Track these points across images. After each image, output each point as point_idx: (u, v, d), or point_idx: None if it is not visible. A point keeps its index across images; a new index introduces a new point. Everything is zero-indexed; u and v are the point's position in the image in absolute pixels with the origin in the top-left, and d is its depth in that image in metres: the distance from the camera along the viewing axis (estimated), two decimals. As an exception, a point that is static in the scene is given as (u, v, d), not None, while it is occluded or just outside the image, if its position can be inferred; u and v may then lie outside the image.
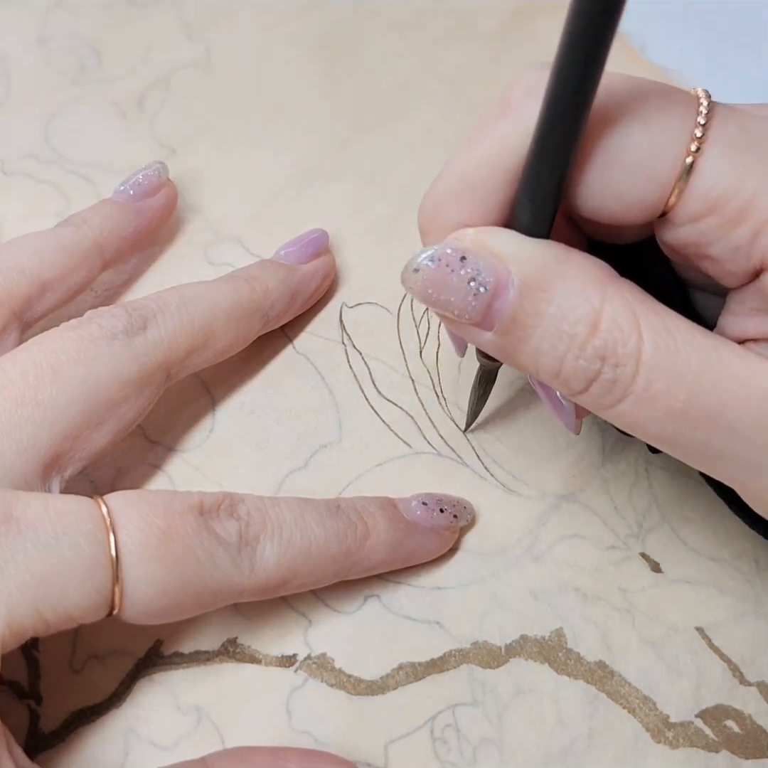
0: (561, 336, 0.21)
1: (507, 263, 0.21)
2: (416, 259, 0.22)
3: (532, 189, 0.22)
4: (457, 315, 0.22)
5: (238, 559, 0.24)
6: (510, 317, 0.22)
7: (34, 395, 0.25)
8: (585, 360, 0.21)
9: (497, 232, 0.22)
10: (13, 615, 0.21)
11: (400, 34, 0.39)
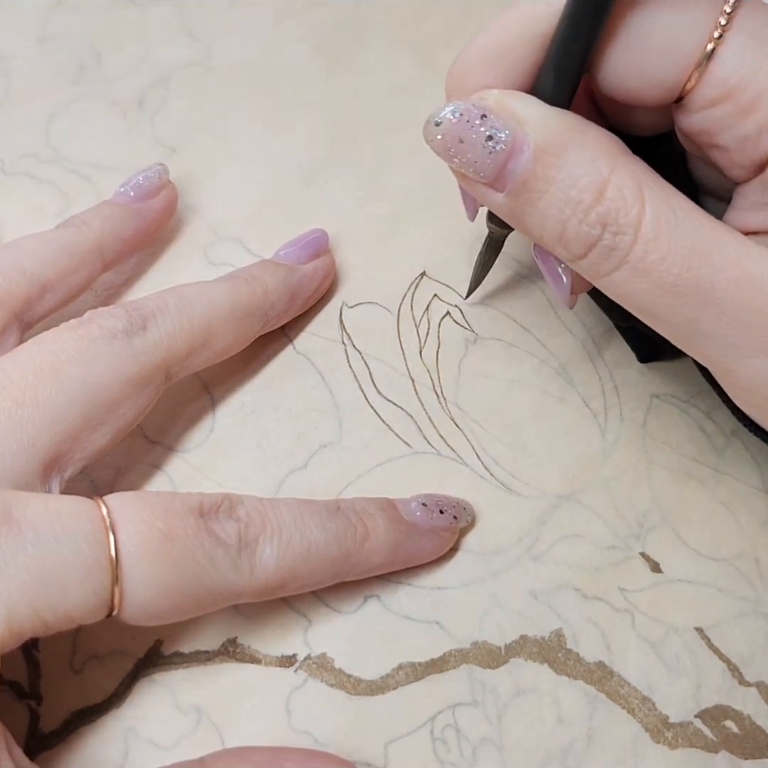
0: (567, 201, 0.22)
1: (525, 126, 0.22)
2: (439, 113, 0.23)
3: (559, 58, 0.23)
4: (473, 172, 0.23)
5: (237, 560, 0.24)
6: (522, 179, 0.22)
7: (34, 395, 0.25)
8: (587, 225, 0.22)
9: (520, 96, 0.23)
10: (12, 615, 0.21)
11: (400, 34, 0.39)
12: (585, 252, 0.23)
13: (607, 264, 0.22)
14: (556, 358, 0.33)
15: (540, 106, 0.23)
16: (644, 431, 0.32)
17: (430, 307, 0.33)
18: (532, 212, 0.23)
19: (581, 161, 0.22)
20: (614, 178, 0.22)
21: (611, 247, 0.22)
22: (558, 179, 0.22)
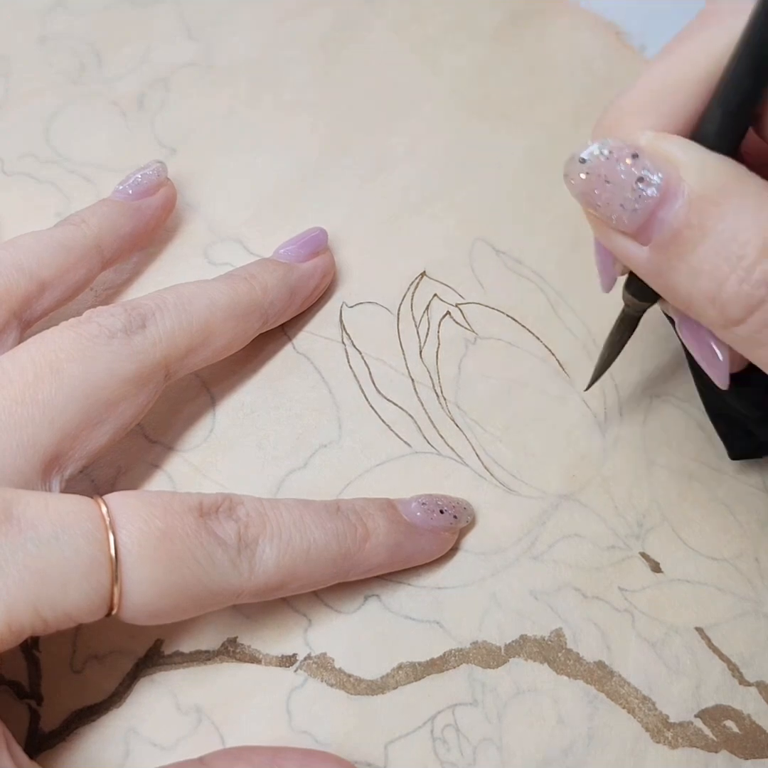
0: (727, 256, 0.20)
1: (681, 171, 0.20)
2: (585, 150, 0.21)
3: (726, 99, 0.21)
4: (615, 219, 0.21)
5: (237, 560, 0.24)
6: (672, 230, 0.20)
7: (34, 394, 0.25)
8: (750, 285, 0.20)
9: (676, 138, 0.21)
10: (12, 613, 0.21)
11: (400, 34, 0.39)
12: (744, 316, 0.20)
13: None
14: (556, 358, 0.33)
15: (698, 150, 0.20)
16: (644, 431, 0.32)
17: (430, 307, 0.33)
18: (682, 268, 0.20)
19: (744, 211, 0.20)
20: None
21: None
22: (716, 231, 0.20)
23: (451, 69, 0.39)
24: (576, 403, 0.32)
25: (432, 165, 0.36)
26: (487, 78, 0.38)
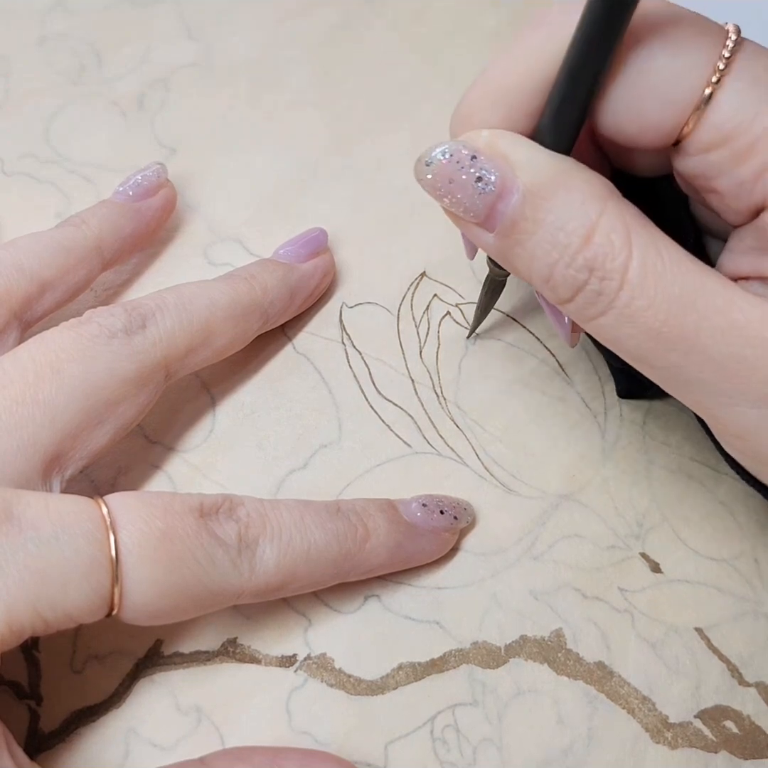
0: (555, 244, 0.22)
1: (515, 168, 0.22)
2: (429, 153, 0.23)
3: (558, 102, 0.22)
4: (463, 212, 0.23)
5: (237, 561, 0.24)
6: (511, 220, 0.22)
7: (34, 394, 0.25)
8: (574, 269, 0.22)
9: (511, 136, 0.23)
10: (12, 613, 0.21)
11: (400, 34, 0.39)
12: (572, 296, 0.22)
13: (593, 309, 0.22)
14: (556, 358, 0.33)
15: (531, 148, 0.23)
16: (644, 431, 0.32)
17: (430, 307, 0.33)
18: (521, 253, 0.23)
19: (570, 204, 0.22)
20: (602, 223, 0.22)
21: (597, 292, 0.22)
22: (546, 222, 0.22)
23: (451, 69, 0.39)
24: (576, 403, 0.32)
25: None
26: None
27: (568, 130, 0.23)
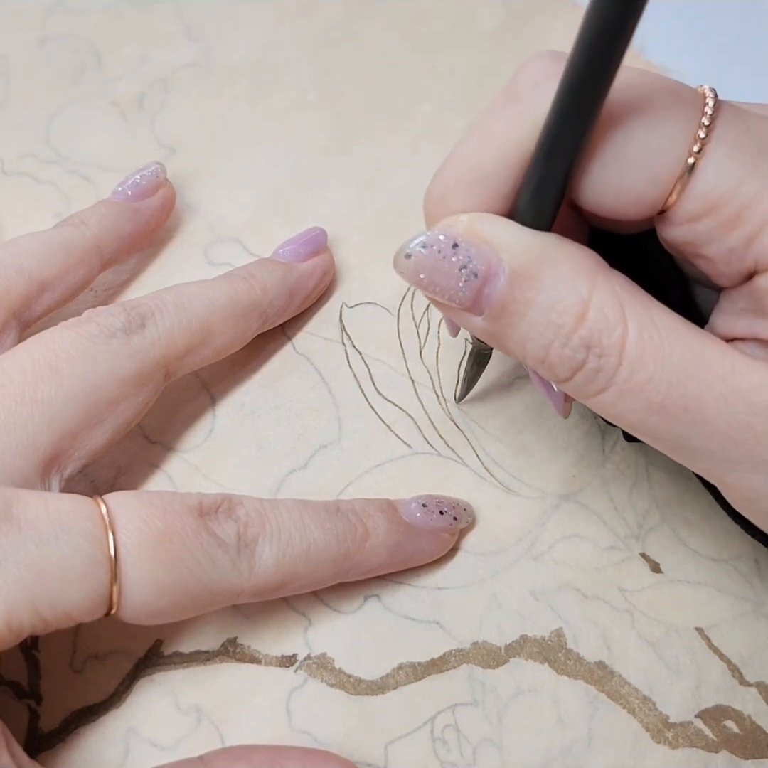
0: (548, 325, 0.21)
1: (498, 251, 0.22)
2: (408, 245, 0.22)
3: (536, 182, 0.22)
4: (448, 300, 0.22)
5: (236, 560, 0.24)
6: (499, 304, 0.22)
7: (33, 394, 0.25)
8: (571, 349, 0.21)
9: (491, 219, 0.22)
10: (11, 612, 0.21)
11: (400, 34, 0.39)
12: (570, 375, 0.22)
13: (593, 386, 0.22)
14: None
15: (511, 229, 0.22)
16: (644, 431, 0.32)
17: (430, 307, 0.33)
18: (512, 335, 0.22)
19: (559, 282, 0.21)
20: (595, 298, 0.21)
21: (596, 369, 0.21)
22: (537, 302, 0.21)
23: (451, 69, 0.39)
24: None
25: (432, 165, 0.36)
26: (487, 78, 0.38)
27: (548, 207, 0.22)
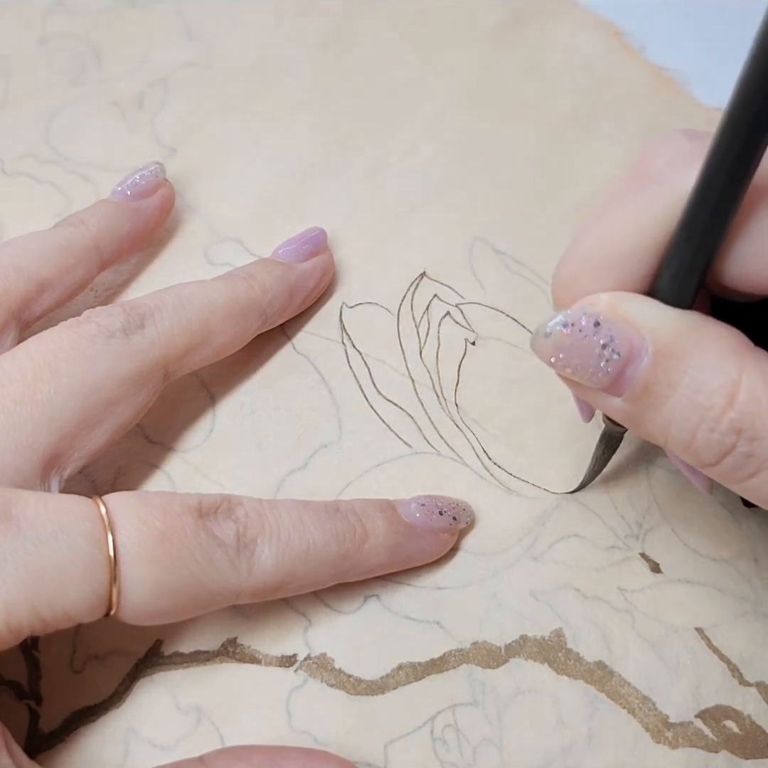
0: (695, 407, 0.21)
1: (641, 330, 0.21)
2: (548, 324, 0.22)
3: (678, 263, 0.21)
4: (587, 380, 0.22)
5: (236, 561, 0.24)
6: (642, 385, 0.21)
7: (33, 394, 0.25)
8: (719, 433, 0.21)
9: (632, 298, 0.22)
10: (11, 612, 0.21)
11: (400, 34, 0.39)
12: (718, 460, 0.21)
13: (743, 471, 0.21)
14: (556, 358, 0.33)
15: (654, 308, 0.21)
16: (644, 431, 0.32)
17: (430, 307, 0.33)
18: (654, 418, 0.21)
19: (706, 363, 0.21)
20: (744, 380, 0.20)
21: (748, 454, 0.21)
22: (682, 384, 0.21)
23: (451, 69, 0.39)
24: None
25: (432, 165, 0.36)
26: (487, 78, 0.38)
27: (689, 287, 0.22)
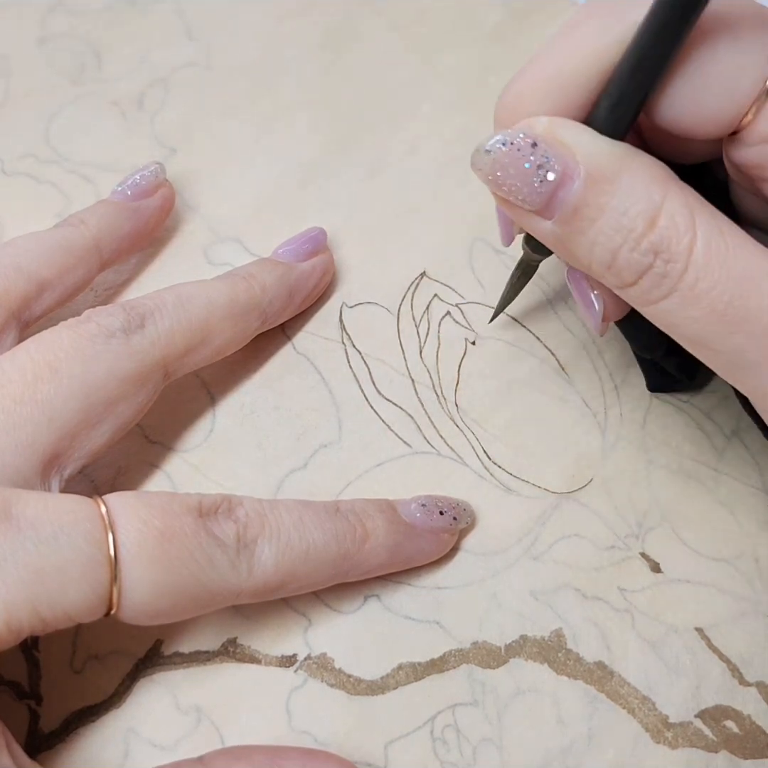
0: (619, 229, 0.22)
1: (576, 154, 0.22)
2: (488, 141, 0.22)
3: (618, 94, 0.22)
4: (521, 200, 0.22)
5: (236, 561, 0.24)
6: (572, 207, 0.22)
7: (33, 394, 0.25)
8: (639, 253, 0.22)
9: (570, 123, 0.23)
10: (11, 612, 0.21)
11: (400, 34, 0.39)
12: (635, 279, 0.22)
13: (657, 291, 0.22)
14: (556, 358, 0.33)
15: (590, 134, 0.22)
16: (644, 431, 0.32)
17: (430, 307, 0.33)
18: (582, 240, 0.23)
19: (633, 188, 0.22)
20: (666, 205, 0.22)
21: (662, 274, 0.22)
22: (610, 206, 0.22)
23: (451, 69, 0.39)
24: (576, 403, 0.32)
25: (432, 164, 0.36)
26: (487, 78, 0.38)
27: (625, 119, 0.23)
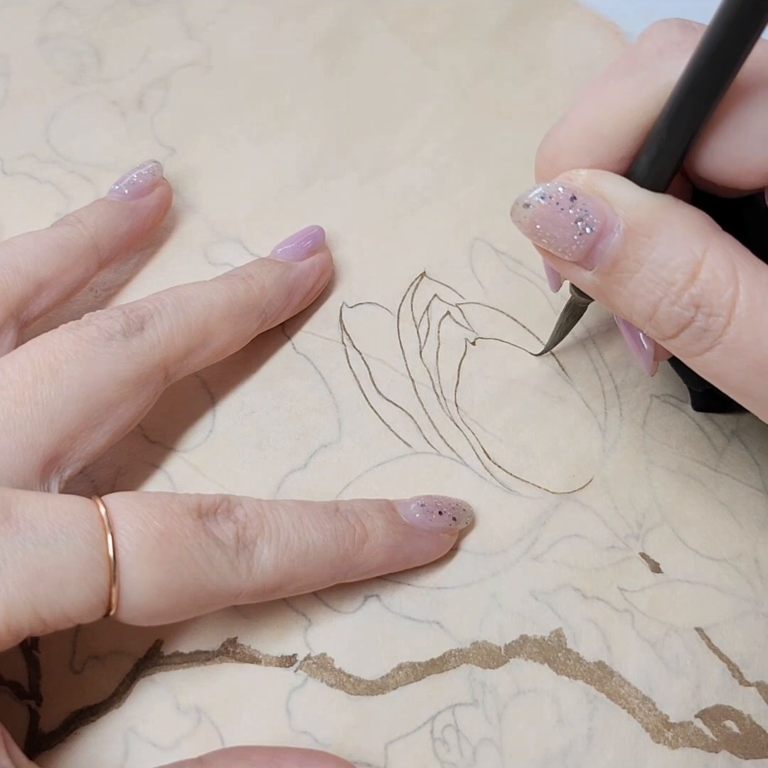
0: (659, 282, 0.22)
1: (615, 207, 0.22)
2: (528, 194, 0.23)
3: (657, 148, 0.22)
4: (561, 252, 0.23)
5: (235, 561, 0.24)
6: (611, 259, 0.22)
7: (33, 395, 0.25)
8: (680, 307, 0.22)
9: (609, 176, 0.23)
10: (10, 613, 0.21)
11: (400, 34, 0.39)
12: (676, 332, 0.22)
13: (699, 344, 0.22)
14: (556, 358, 0.33)
15: (630, 186, 0.23)
16: (644, 431, 0.32)
17: (430, 307, 0.33)
18: (621, 292, 0.23)
19: (673, 241, 0.22)
20: (708, 258, 0.22)
21: (704, 328, 0.22)
22: (649, 260, 0.22)
23: (451, 69, 0.39)
24: (576, 403, 0.32)
25: (432, 165, 0.36)
26: (487, 78, 0.38)
27: (665, 173, 0.23)
